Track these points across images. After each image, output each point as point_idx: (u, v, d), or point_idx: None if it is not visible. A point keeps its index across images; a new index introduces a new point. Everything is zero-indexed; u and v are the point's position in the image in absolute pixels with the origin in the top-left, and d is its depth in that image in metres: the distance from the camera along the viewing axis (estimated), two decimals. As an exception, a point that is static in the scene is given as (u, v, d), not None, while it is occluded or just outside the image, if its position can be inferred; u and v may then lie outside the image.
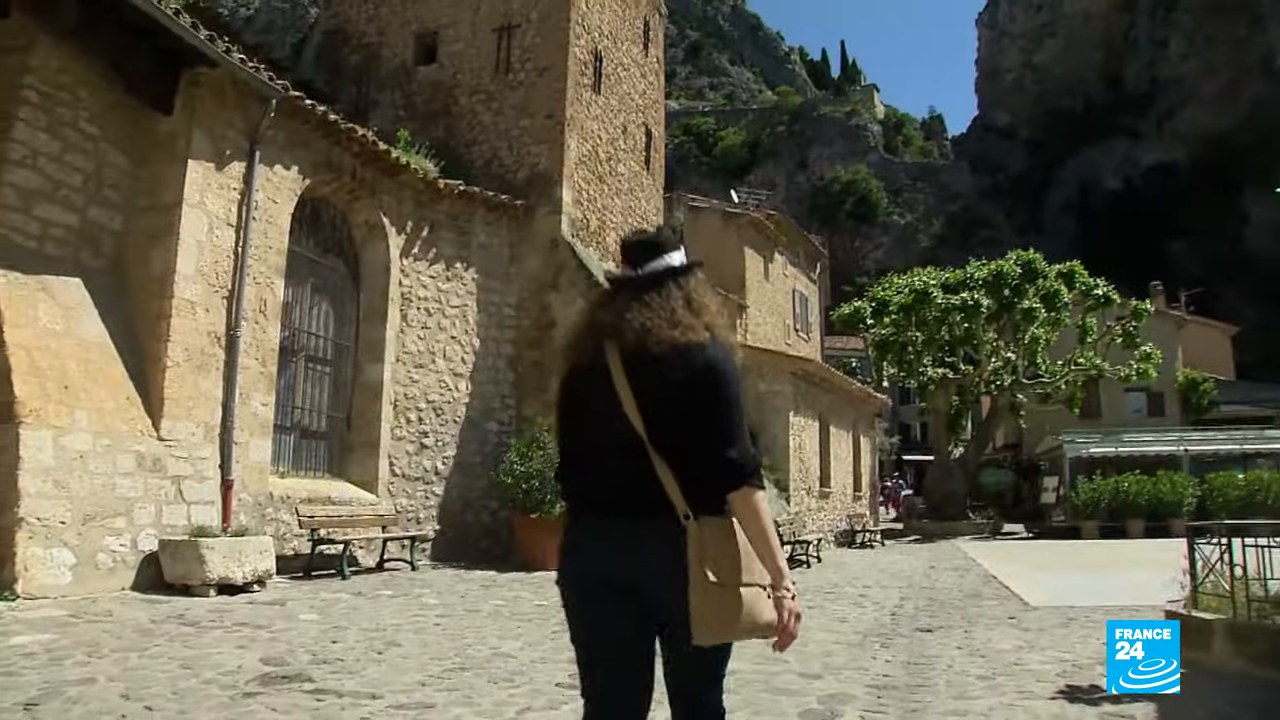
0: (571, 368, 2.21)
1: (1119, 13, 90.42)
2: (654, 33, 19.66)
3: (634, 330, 2.04)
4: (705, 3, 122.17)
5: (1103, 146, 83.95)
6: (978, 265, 25.66)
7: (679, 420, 1.97)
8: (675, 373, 1.99)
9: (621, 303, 2.12)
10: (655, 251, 2.18)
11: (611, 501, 2.03)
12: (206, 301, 8.81)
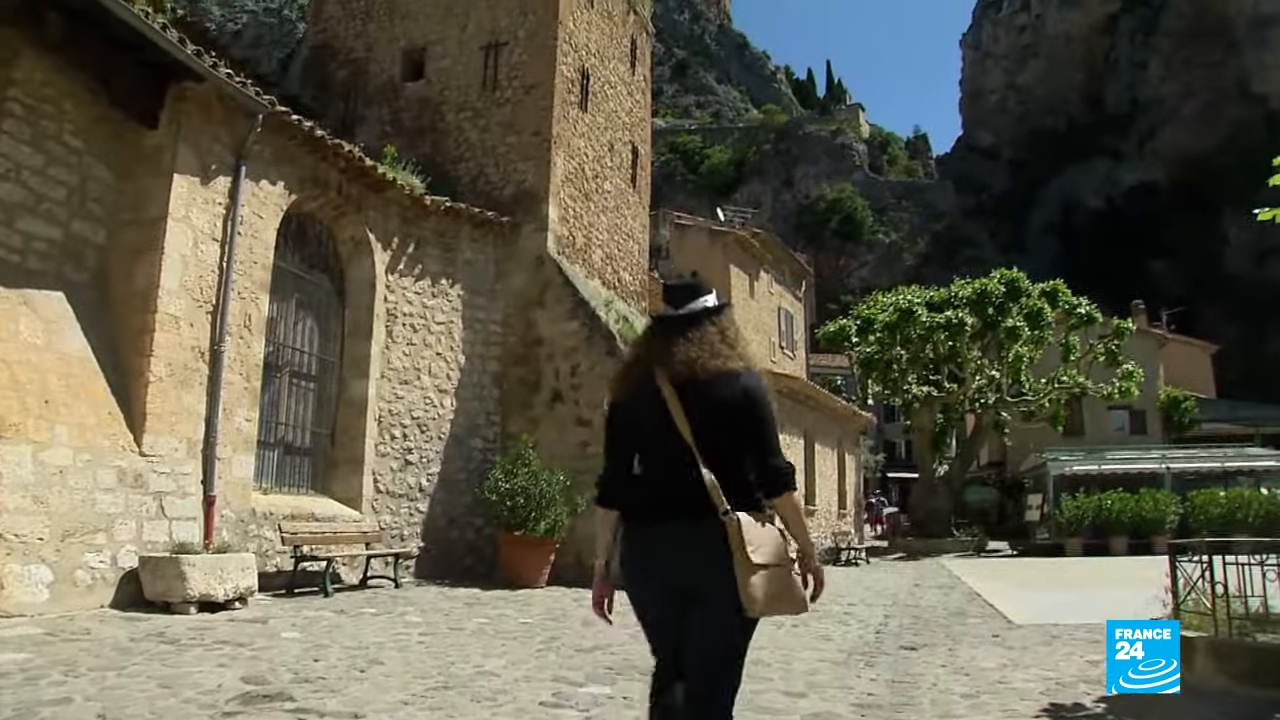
0: (623, 395, 2.63)
1: (1100, 35, 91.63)
2: (641, 51, 19.77)
3: (681, 361, 2.48)
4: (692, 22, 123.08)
5: (1085, 166, 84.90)
6: (962, 284, 25.84)
7: (724, 435, 2.42)
8: (719, 396, 2.43)
9: (668, 338, 2.56)
10: (693, 294, 2.64)
11: (666, 502, 2.43)
12: (190, 316, 8.76)
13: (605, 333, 13.84)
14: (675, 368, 2.48)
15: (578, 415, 13.64)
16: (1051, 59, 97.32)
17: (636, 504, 2.54)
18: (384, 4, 16.50)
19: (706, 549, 2.34)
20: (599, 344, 13.77)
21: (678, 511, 2.40)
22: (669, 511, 2.42)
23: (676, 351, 2.50)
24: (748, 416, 2.44)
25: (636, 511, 2.54)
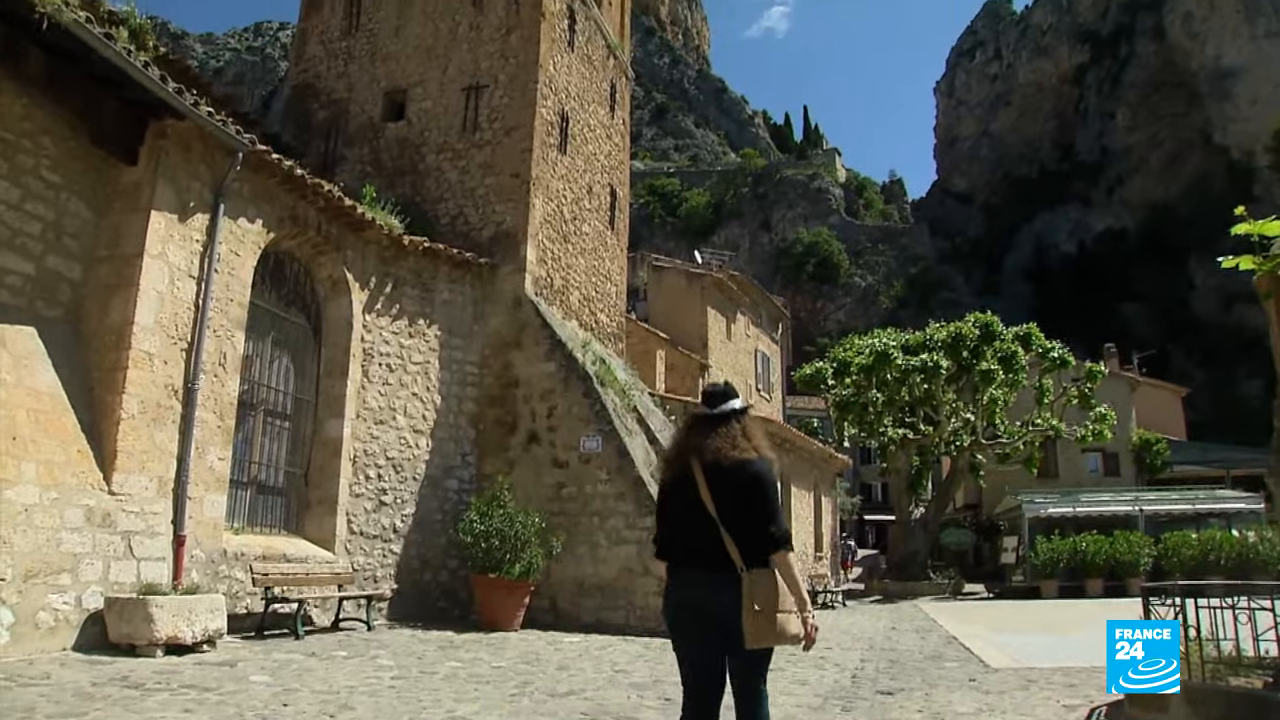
0: (669, 477, 3.49)
1: (1069, 85, 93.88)
2: (620, 95, 20.01)
3: (710, 452, 3.29)
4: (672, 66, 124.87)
5: (1057, 212, 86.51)
6: (937, 327, 26.11)
7: (739, 508, 3.19)
8: (735, 479, 3.22)
9: (702, 433, 3.38)
10: (724, 399, 3.43)
11: (697, 559, 3.24)
12: (165, 354, 8.68)
13: (582, 374, 13.85)
14: (705, 456, 3.29)
15: (554, 457, 13.60)
16: (1023, 107, 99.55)
17: (677, 559, 3.35)
18: (366, 46, 16.63)
19: (728, 594, 3.12)
20: (576, 385, 13.77)
21: (707, 564, 3.20)
22: (700, 564, 3.23)
23: (708, 443, 3.32)
24: (756, 494, 3.21)
25: (677, 565, 3.35)
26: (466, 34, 16.05)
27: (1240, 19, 70.38)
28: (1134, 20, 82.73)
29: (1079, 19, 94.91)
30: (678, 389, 24.18)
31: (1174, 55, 76.44)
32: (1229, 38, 70.87)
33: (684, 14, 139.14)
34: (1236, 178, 67.09)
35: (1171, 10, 75.86)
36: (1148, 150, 79.01)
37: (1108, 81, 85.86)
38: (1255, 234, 4.58)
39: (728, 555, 3.14)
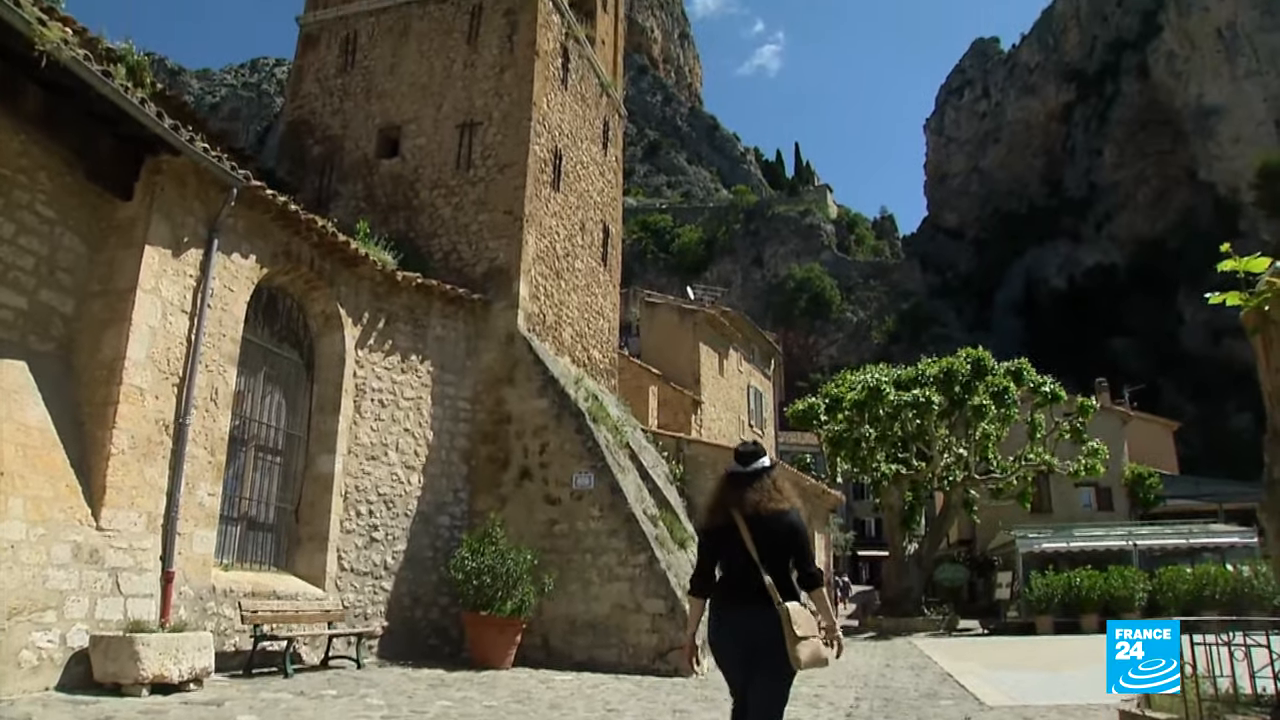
0: (711, 524, 3.99)
1: (1057, 123, 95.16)
2: (613, 133, 20.20)
3: (750, 503, 3.83)
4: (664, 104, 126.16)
5: (1046, 247, 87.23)
6: (929, 363, 26.15)
7: (777, 551, 3.77)
8: (773, 526, 3.79)
9: (740, 487, 3.92)
10: (756, 458, 3.99)
11: (741, 595, 3.76)
12: (156, 389, 8.66)
13: (574, 411, 13.84)
14: (745, 508, 3.82)
15: (546, 493, 13.54)
16: (1012, 144, 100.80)
17: (722, 594, 3.90)
18: (361, 83, 16.79)
19: (768, 626, 3.64)
20: (568, 422, 13.76)
21: (749, 600, 3.70)
22: (744, 600, 3.73)
23: (747, 496, 3.85)
24: (792, 540, 3.82)
25: (723, 599, 3.88)
26: (461, 72, 16.23)
27: (1221, 59, 71.57)
28: (1119, 59, 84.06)
29: (1065, 58, 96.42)
30: (670, 425, 24.16)
31: (1158, 94, 77.59)
32: (1210, 77, 72.01)
33: (676, 52, 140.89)
34: (1222, 213, 67.86)
35: (1155, 50, 77.11)
36: (1135, 186, 79.94)
37: (1094, 119, 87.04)
38: (1241, 270, 4.62)
39: (766, 591, 3.67)
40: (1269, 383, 4.94)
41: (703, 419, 26.90)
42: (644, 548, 12.77)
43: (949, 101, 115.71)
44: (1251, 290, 4.72)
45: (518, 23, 16.17)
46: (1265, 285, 4.65)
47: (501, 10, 16.37)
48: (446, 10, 16.76)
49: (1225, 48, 71.30)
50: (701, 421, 26.68)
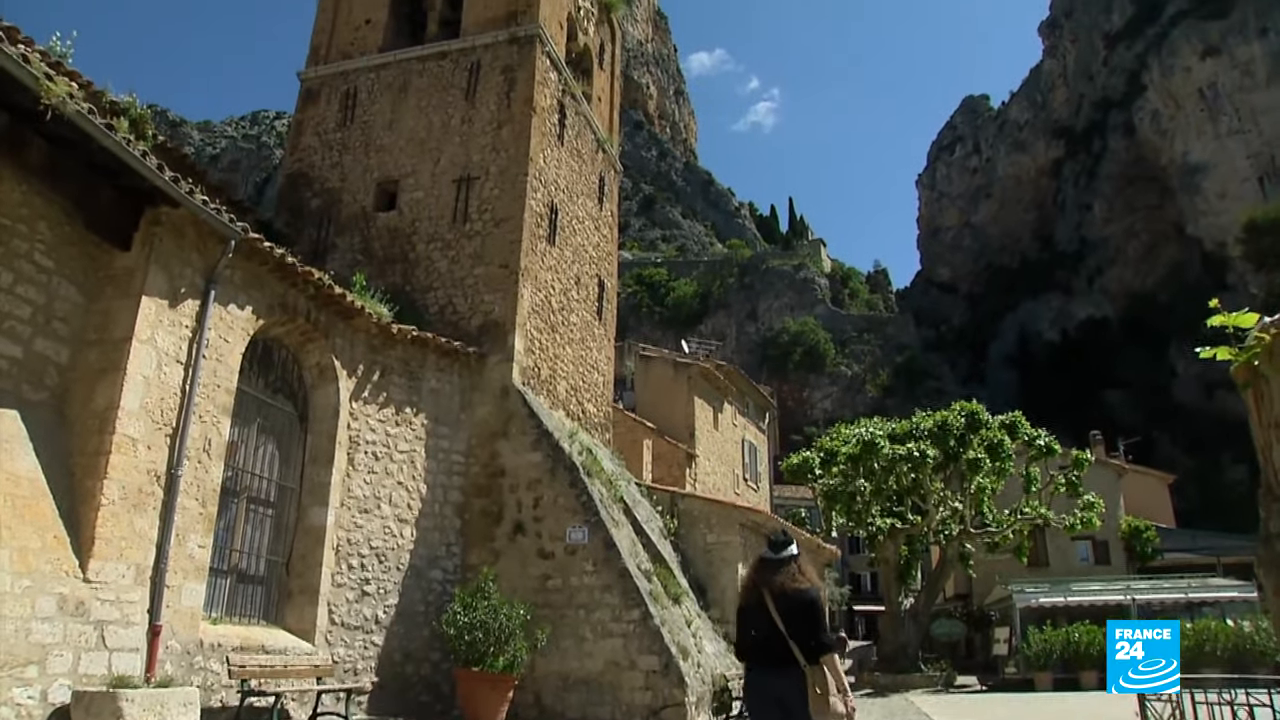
0: (746, 600, 4.88)
1: (1047, 178, 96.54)
2: (609, 188, 20.43)
3: (777, 584, 4.72)
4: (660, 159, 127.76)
5: (1039, 300, 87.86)
6: (923, 416, 26.16)
7: (799, 623, 4.57)
8: (798, 602, 4.64)
9: (770, 570, 4.82)
10: (785, 547, 4.88)
11: (770, 659, 4.61)
12: (149, 439, 8.63)
13: (569, 464, 13.80)
14: (774, 587, 4.71)
15: (540, 547, 13.44)
16: (1003, 199, 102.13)
17: (755, 657, 4.77)
18: (360, 137, 17.02)
19: (793, 684, 4.49)
20: (562, 476, 13.71)
21: (777, 663, 4.56)
22: (772, 662, 4.59)
23: (775, 578, 4.75)
24: (811, 614, 4.63)
25: (755, 662, 4.78)
26: (458, 127, 16.46)
27: (1204, 118, 72.90)
28: (1105, 117, 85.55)
29: (1053, 115, 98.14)
30: (664, 479, 24.06)
31: (1145, 151, 78.84)
32: (1195, 135, 73.27)
33: (672, 108, 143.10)
34: (1211, 267, 68.56)
35: (1140, 109, 78.52)
36: (1125, 241, 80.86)
37: (1084, 175, 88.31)
38: (1230, 325, 4.64)
39: (793, 656, 4.49)
40: (1261, 437, 4.95)
41: (697, 473, 26.81)
42: (638, 603, 12.65)
43: (940, 157, 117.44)
44: (1241, 345, 4.75)
45: (515, 80, 16.45)
46: (1254, 340, 4.68)
47: (499, 67, 16.66)
48: (445, 67, 17.07)
49: (1207, 107, 72.68)
50: (696, 475, 26.60)
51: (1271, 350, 4.62)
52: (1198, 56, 73.52)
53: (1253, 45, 70.26)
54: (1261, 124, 69.41)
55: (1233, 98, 71.34)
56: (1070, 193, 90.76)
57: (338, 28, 18.37)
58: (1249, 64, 70.42)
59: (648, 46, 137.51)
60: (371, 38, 18.10)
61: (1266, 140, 69.13)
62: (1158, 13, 79.99)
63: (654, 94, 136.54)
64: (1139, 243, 79.32)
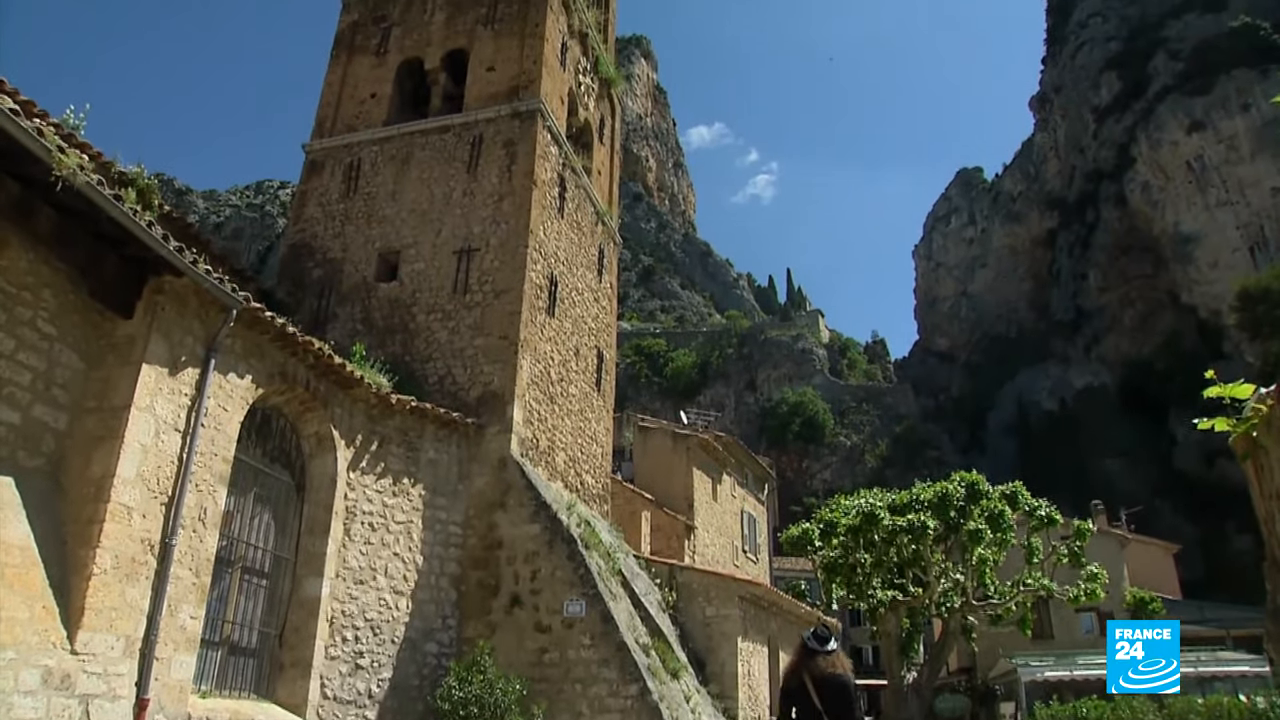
0: (790, 684, 5.64)
1: (1042, 248, 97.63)
2: (608, 260, 20.66)
3: (819, 671, 5.50)
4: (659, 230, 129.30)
5: (1037, 369, 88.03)
6: (923, 487, 25.96)
7: (836, 705, 5.38)
8: (835, 687, 5.43)
9: (812, 658, 5.57)
10: (828, 640, 5.61)
11: None
12: (144, 507, 8.57)
13: (566, 537, 13.69)
14: (815, 673, 5.50)
15: (537, 621, 13.26)
16: (999, 269, 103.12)
17: None
18: (363, 208, 17.28)
19: None
20: (560, 548, 13.59)
21: None
22: None
23: (815, 665, 5.53)
24: (846, 696, 5.44)
25: None
26: (460, 199, 16.72)
27: (1193, 189, 74.04)
28: (1097, 188, 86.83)
29: (1046, 187, 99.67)
30: (663, 551, 23.82)
31: (1137, 221, 79.85)
32: (1185, 206, 74.31)
33: (671, 181, 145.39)
34: (1206, 336, 68.89)
35: (1131, 180, 79.76)
36: (1120, 309, 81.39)
37: (1078, 245, 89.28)
38: (1227, 396, 4.61)
39: None
40: (1263, 508, 4.92)
41: (696, 545, 26.55)
42: (636, 678, 12.43)
43: (936, 228, 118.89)
44: (1239, 416, 4.74)
45: (517, 153, 16.77)
46: (1251, 411, 4.66)
47: (501, 141, 17.01)
48: (448, 140, 17.42)
49: (1196, 179, 73.89)
50: (695, 547, 26.33)
51: (1269, 421, 4.60)
52: (1184, 131, 75.00)
53: (1235, 120, 71.76)
54: (1249, 195, 70.51)
55: (1220, 170, 72.59)
56: (1065, 262, 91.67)
57: (343, 101, 18.79)
58: (1233, 138, 71.83)
59: (647, 120, 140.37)
60: (376, 111, 18.51)
61: (1255, 211, 70.14)
62: (1143, 88, 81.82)
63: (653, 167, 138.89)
64: (1135, 311, 79.84)
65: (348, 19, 20.05)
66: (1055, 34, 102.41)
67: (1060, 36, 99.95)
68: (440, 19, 19.26)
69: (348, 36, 19.74)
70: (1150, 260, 78.70)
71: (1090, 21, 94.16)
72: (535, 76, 17.56)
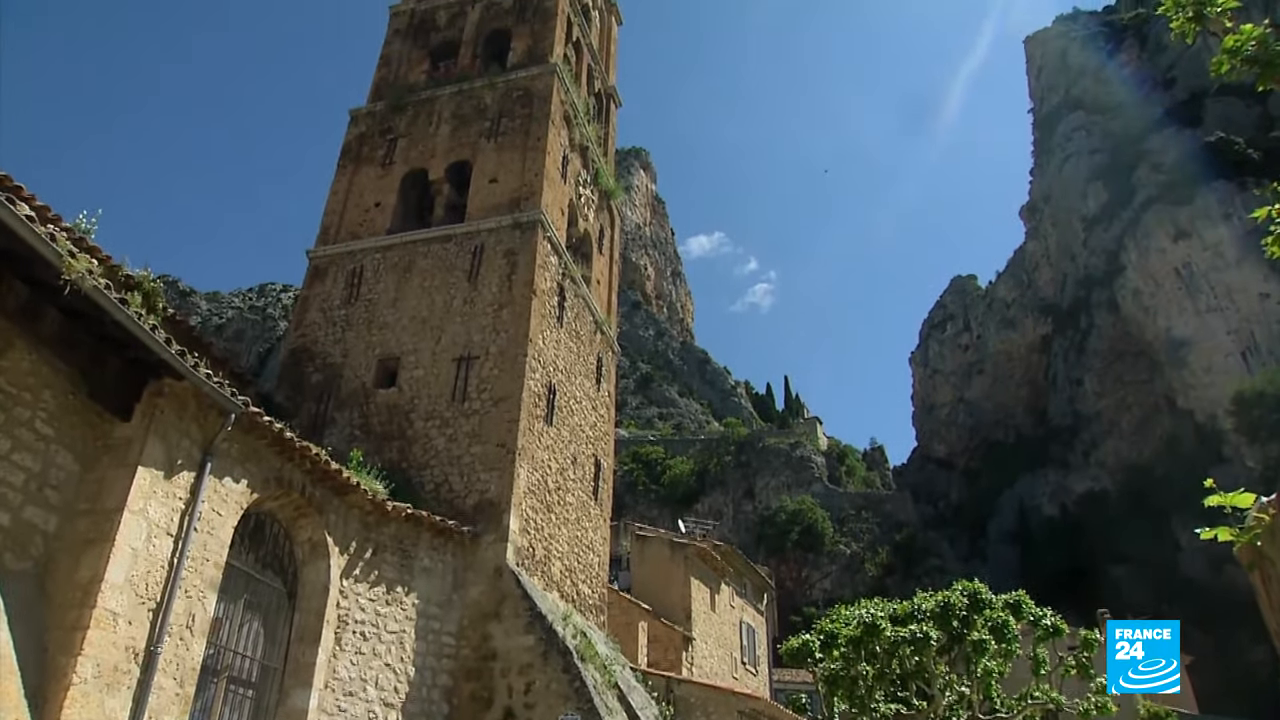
0: None
1: (1037, 354, 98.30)
2: (606, 369, 20.79)
3: None
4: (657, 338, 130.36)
5: (1036, 475, 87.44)
6: (924, 596, 25.50)
7: None
8: None
9: None
10: None
11: None
12: (130, 614, 8.40)
13: (562, 649, 13.41)
14: None
15: (530, 737, 12.86)
16: (995, 375, 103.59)
17: None
18: (364, 315, 17.49)
19: None
20: (555, 660, 13.29)
21: None
22: None
23: None
24: None
25: None
26: (460, 308, 16.95)
27: (1183, 295, 75.07)
28: (1089, 294, 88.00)
29: (1040, 294, 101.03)
30: (660, 662, 23.23)
31: (1130, 327, 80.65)
32: (1176, 312, 75.20)
33: (669, 289, 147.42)
34: (1205, 440, 68.66)
35: (1122, 286, 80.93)
36: (1118, 414, 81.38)
37: (1073, 350, 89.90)
38: (1228, 506, 4.55)
39: None
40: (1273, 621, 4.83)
41: (694, 656, 25.90)
42: (632, 794, 11.97)
43: (932, 335, 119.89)
44: (1241, 525, 4.68)
45: (517, 263, 17.08)
46: (1254, 521, 4.61)
47: (502, 251, 17.35)
48: (450, 249, 17.77)
49: (1185, 285, 75.03)
50: (693, 659, 25.69)
51: (1273, 530, 4.56)
52: (1170, 239, 76.57)
53: (1219, 229, 73.33)
54: (1238, 301, 71.48)
55: (1208, 277, 73.78)
56: (1061, 368, 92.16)
57: (348, 209, 19.26)
58: (1218, 246, 73.26)
59: (646, 230, 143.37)
60: (380, 220, 18.95)
61: (1244, 317, 70.97)
62: (1129, 198, 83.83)
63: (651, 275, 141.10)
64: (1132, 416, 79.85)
65: (355, 131, 20.74)
66: (1042, 146, 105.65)
67: (1047, 148, 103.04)
68: (445, 131, 19.93)
69: (355, 148, 20.38)
70: (1145, 365, 79.17)
71: (1075, 135, 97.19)
72: (536, 188, 18.04)
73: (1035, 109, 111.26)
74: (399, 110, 20.82)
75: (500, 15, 22.63)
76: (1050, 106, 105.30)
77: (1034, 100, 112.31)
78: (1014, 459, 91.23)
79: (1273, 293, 68.62)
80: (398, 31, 23.05)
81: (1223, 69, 5.25)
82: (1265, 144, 74.56)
